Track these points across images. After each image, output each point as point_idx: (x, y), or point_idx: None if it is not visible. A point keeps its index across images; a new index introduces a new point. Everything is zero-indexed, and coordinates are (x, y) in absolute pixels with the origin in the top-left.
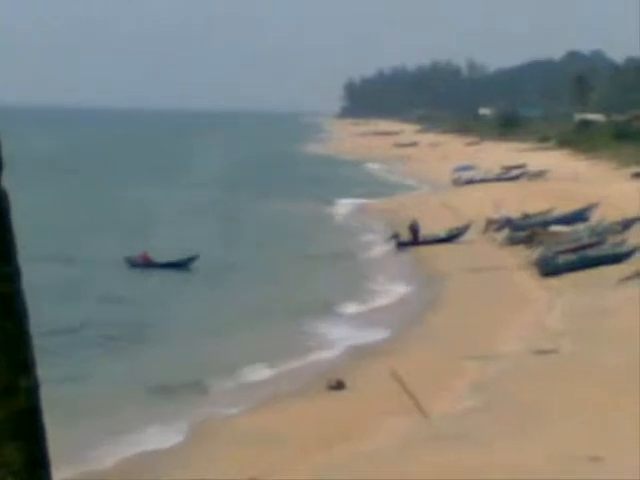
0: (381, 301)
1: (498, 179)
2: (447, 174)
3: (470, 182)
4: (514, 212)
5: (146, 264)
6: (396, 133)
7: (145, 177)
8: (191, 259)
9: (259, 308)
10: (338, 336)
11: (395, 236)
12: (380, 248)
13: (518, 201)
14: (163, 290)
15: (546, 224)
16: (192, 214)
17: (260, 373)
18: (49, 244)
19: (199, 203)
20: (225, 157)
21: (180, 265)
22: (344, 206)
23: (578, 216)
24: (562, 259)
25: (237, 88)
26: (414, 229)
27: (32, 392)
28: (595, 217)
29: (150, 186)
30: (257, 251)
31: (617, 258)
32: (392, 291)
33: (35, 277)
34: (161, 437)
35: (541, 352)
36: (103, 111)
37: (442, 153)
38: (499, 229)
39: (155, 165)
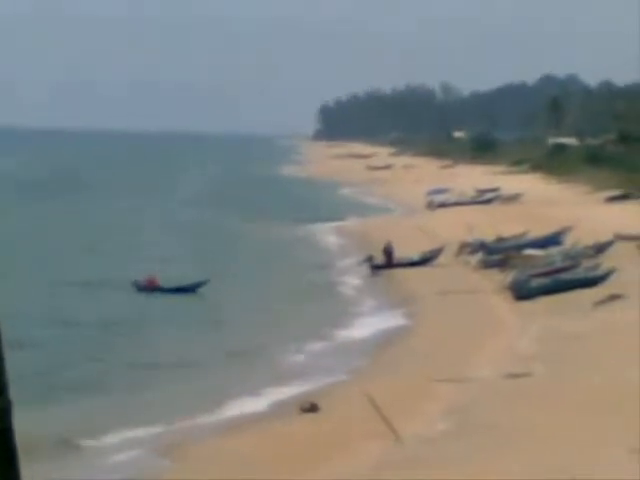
0: (355, 324)
1: (472, 202)
2: (421, 197)
3: (444, 205)
4: (488, 235)
5: (153, 288)
6: (370, 156)
7: (127, 199)
8: (200, 284)
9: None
10: (311, 360)
11: (369, 259)
12: (354, 271)
13: (492, 224)
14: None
15: (520, 247)
16: (171, 235)
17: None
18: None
19: (179, 223)
20: (202, 180)
21: (188, 290)
22: (318, 228)
23: (552, 240)
24: (536, 283)
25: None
26: (388, 252)
27: (5, 413)
28: (569, 241)
29: (132, 207)
30: (225, 280)
31: (591, 282)
32: (366, 314)
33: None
34: (137, 462)
35: (514, 376)
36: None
37: (416, 176)
38: (473, 252)
39: (135, 187)
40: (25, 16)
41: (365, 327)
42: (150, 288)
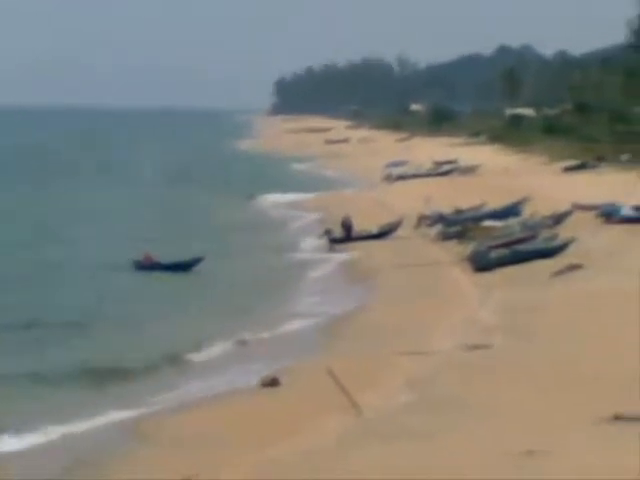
0: (313, 299)
1: (429, 174)
2: (379, 170)
3: (402, 178)
4: (446, 207)
5: (151, 266)
6: (327, 130)
7: (85, 177)
8: (196, 260)
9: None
10: (271, 333)
11: (327, 232)
12: (312, 243)
13: (450, 196)
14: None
15: (478, 219)
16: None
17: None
18: None
19: (138, 198)
20: (162, 158)
21: (184, 266)
22: (276, 202)
23: (510, 211)
24: (495, 254)
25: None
26: (347, 225)
27: None
28: (527, 211)
29: (92, 185)
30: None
31: (549, 252)
32: (324, 289)
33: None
34: (97, 436)
35: (474, 347)
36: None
37: (373, 149)
38: (431, 225)
39: (92, 165)
40: None
41: (324, 302)
42: (148, 266)
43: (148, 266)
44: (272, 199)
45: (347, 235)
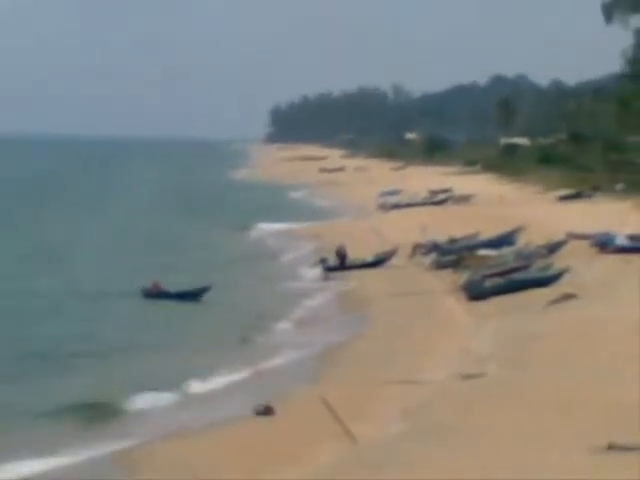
0: (308, 327)
1: (424, 203)
2: (373, 199)
3: (396, 207)
4: (441, 236)
5: (159, 293)
6: (322, 158)
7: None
8: (203, 290)
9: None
10: (266, 362)
11: (322, 261)
12: (307, 273)
13: (444, 225)
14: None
15: (473, 248)
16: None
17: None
18: None
19: (136, 228)
20: (153, 185)
21: (192, 295)
22: (272, 231)
23: (504, 240)
24: (489, 283)
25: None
26: (341, 254)
27: None
28: (521, 241)
29: (83, 214)
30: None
31: (544, 281)
32: (319, 317)
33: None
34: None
35: (468, 377)
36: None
37: (368, 178)
38: (426, 253)
39: (86, 193)
40: None
41: (318, 330)
42: (156, 293)
43: (156, 294)
44: (268, 228)
45: (342, 264)
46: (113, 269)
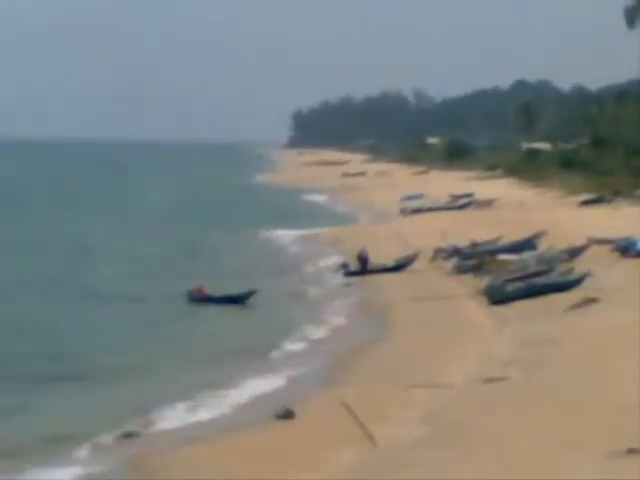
0: (330, 331)
1: (446, 208)
2: (395, 203)
3: (418, 211)
4: (462, 241)
5: (203, 298)
6: (344, 163)
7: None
8: (250, 293)
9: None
10: (286, 367)
11: (344, 265)
12: (329, 278)
13: (466, 230)
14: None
15: (494, 252)
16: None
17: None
18: None
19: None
20: (174, 190)
21: (237, 299)
22: (293, 236)
23: (526, 244)
24: (510, 287)
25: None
26: (362, 258)
27: None
28: (543, 245)
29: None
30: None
31: (565, 286)
32: (341, 321)
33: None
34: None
35: (490, 380)
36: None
37: (390, 182)
38: (447, 258)
39: (110, 198)
40: None
41: (340, 334)
42: (201, 298)
43: (200, 298)
44: (290, 233)
45: (363, 268)
46: (141, 273)
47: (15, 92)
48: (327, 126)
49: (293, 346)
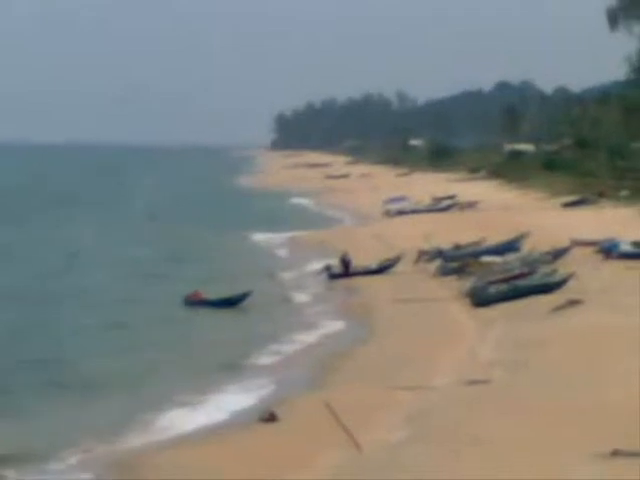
0: (312, 334)
1: (429, 210)
2: (378, 205)
3: (401, 213)
4: (445, 243)
5: (200, 302)
6: (327, 165)
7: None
8: (245, 295)
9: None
10: (269, 370)
11: (327, 268)
12: (312, 280)
13: (449, 232)
14: None
15: (477, 254)
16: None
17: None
18: None
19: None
20: (157, 193)
21: (231, 302)
22: (277, 238)
23: (509, 246)
24: (494, 289)
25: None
26: (345, 261)
27: None
28: (526, 247)
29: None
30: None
31: (549, 288)
32: (324, 324)
33: None
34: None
35: (473, 383)
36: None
37: (373, 184)
38: (430, 260)
39: (91, 201)
40: None
41: (323, 337)
42: (197, 302)
43: (197, 302)
44: (273, 235)
45: (346, 271)
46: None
47: (13, 92)
48: (310, 128)
49: (277, 350)
